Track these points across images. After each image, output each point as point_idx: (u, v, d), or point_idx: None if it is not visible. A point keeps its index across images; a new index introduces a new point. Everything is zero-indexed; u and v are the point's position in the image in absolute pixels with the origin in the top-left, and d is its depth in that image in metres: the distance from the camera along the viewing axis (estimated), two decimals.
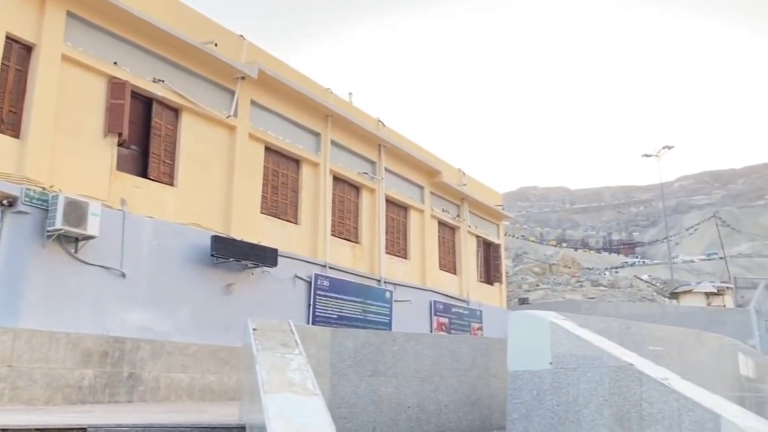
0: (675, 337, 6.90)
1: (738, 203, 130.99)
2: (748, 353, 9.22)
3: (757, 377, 9.37)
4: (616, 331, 5.86)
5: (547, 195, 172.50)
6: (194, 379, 11.38)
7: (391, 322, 17.31)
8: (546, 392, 4.96)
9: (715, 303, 36.40)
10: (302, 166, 16.12)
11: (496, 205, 25.73)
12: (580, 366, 4.77)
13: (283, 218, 15.36)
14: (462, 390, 7.00)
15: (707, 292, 38.14)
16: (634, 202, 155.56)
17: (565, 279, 53.60)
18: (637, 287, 51.07)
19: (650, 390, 4.22)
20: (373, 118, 19.03)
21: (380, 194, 18.62)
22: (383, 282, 17.90)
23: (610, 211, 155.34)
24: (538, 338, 5.15)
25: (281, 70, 15.49)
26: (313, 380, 4.10)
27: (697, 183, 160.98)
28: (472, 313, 22.16)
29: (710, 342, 7.90)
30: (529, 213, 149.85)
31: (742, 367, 8.49)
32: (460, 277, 22.65)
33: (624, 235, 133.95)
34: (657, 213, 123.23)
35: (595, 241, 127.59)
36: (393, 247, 19.32)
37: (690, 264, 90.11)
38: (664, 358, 6.48)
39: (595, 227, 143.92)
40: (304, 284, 15.13)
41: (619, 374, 4.46)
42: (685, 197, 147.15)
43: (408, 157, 19.92)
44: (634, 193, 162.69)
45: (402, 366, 6.64)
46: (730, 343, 8.37)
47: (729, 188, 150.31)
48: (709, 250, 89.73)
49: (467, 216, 23.54)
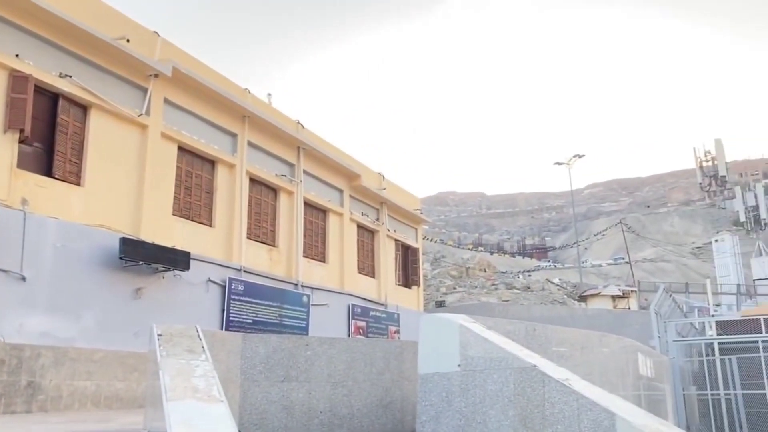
0: (579, 338, 7.16)
1: (643, 210, 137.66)
2: (647, 354, 9.69)
3: (655, 376, 9.86)
4: (522, 333, 6.02)
5: (465, 200, 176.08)
6: (100, 387, 10.93)
7: (308, 326, 17.20)
8: (455, 394, 5.03)
9: (621, 305, 38.15)
10: (218, 167, 15.80)
11: (414, 210, 26.03)
12: (487, 368, 4.87)
13: (197, 220, 15.00)
14: (375, 394, 7.02)
15: (613, 295, 39.92)
16: (547, 208, 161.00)
17: (481, 282, 54.79)
18: (548, 290, 52.79)
19: (552, 390, 4.35)
20: (293, 120, 18.88)
21: (299, 197, 18.49)
22: (300, 286, 17.77)
23: (524, 216, 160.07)
24: (447, 341, 5.23)
25: (197, 68, 15.13)
26: (218, 386, 4.01)
27: (605, 190, 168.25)
28: (390, 317, 22.32)
29: (612, 343, 8.24)
30: (447, 217, 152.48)
31: (642, 367, 8.91)
32: (378, 281, 22.77)
33: (537, 240, 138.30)
34: (568, 219, 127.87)
35: (510, 246, 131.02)
36: (311, 250, 19.22)
37: (598, 268, 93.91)
38: (568, 359, 6.72)
39: (510, 232, 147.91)
40: (217, 288, 14.81)
41: (523, 375, 4.58)
42: (595, 204, 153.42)
43: (327, 160, 19.88)
44: (547, 199, 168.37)
45: (315, 371, 6.59)
46: (630, 344, 8.77)
47: (635, 196, 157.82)
48: (616, 254, 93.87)
49: (386, 220, 23.71)
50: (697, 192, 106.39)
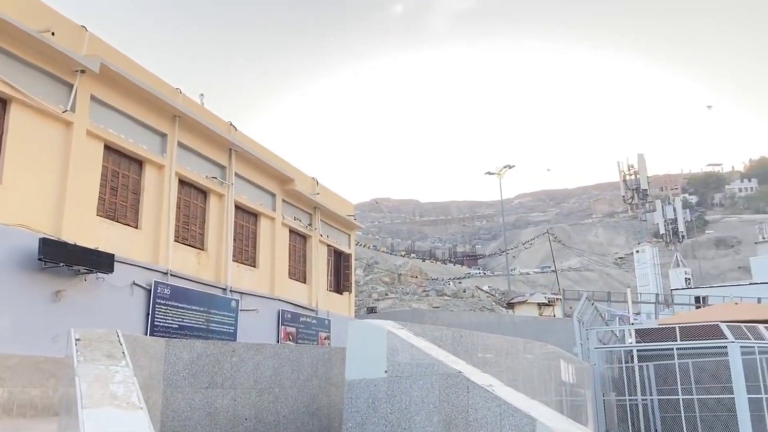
0: (504, 345, 7.30)
1: (569, 221, 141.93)
2: (569, 360, 9.97)
3: (577, 382, 10.16)
4: (449, 340, 6.10)
5: (399, 207, 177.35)
6: (13, 394, 10.43)
7: (236, 332, 16.91)
8: (381, 400, 5.05)
9: (546, 313, 39.19)
10: (146, 168, 15.37)
11: (348, 215, 26.03)
12: (413, 374, 4.91)
13: (122, 221, 14.54)
14: (302, 400, 6.97)
15: (539, 303, 40.98)
16: (478, 217, 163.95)
17: (412, 289, 55.24)
18: (478, 297, 53.73)
19: (476, 396, 4.42)
20: (225, 122, 18.58)
21: (229, 200, 18.19)
22: (229, 291, 17.47)
23: (456, 224, 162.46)
24: (375, 347, 5.24)
25: (128, 66, 14.70)
26: (138, 393, 3.89)
27: (534, 201, 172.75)
28: (321, 323, 22.20)
29: (536, 350, 8.45)
30: (381, 224, 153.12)
31: (564, 373, 9.16)
32: (309, 286, 22.62)
33: (468, 248, 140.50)
34: (498, 227, 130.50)
35: (441, 253, 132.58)
36: (241, 254, 18.93)
37: (526, 276, 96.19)
38: (493, 366, 6.85)
39: (442, 239, 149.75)
40: (143, 292, 14.39)
41: (448, 381, 4.64)
42: (524, 213, 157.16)
43: (260, 163, 19.65)
44: (478, 208, 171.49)
45: (241, 377, 6.50)
46: (554, 351, 9.01)
47: (562, 206, 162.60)
48: (543, 263, 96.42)
49: (319, 225, 23.61)
50: (620, 204, 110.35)
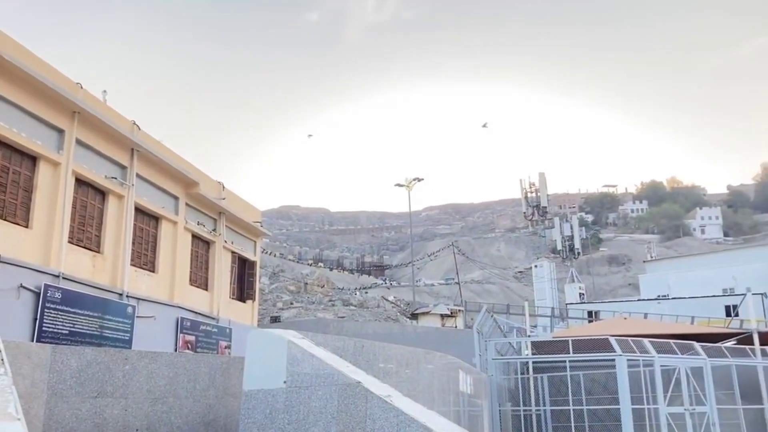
0: (405, 355, 7.38)
1: (474, 234, 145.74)
2: (468, 371, 10.19)
3: (475, 393, 10.40)
4: (351, 350, 6.10)
5: (308, 215, 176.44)
6: None
7: (132, 339, 16.23)
8: (279, 411, 4.97)
9: (448, 324, 39.99)
10: (40, 164, 14.54)
11: (255, 222, 25.61)
12: (312, 384, 4.87)
13: (11, 220, 13.68)
14: (197, 410, 6.77)
15: (442, 314, 41.77)
16: (387, 228, 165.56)
17: (318, 298, 54.98)
18: (383, 308, 54.13)
19: (374, 407, 4.43)
20: (128, 121, 17.89)
21: (129, 201, 17.49)
22: (126, 296, 16.76)
23: (365, 234, 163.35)
24: (275, 357, 5.17)
25: (23, 56, 13.89)
26: (17, 403, 3.65)
27: (441, 214, 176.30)
28: (222, 331, 21.68)
29: (437, 360, 8.58)
30: (289, 232, 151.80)
31: (462, 384, 9.35)
32: (211, 294, 22.06)
33: (376, 258, 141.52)
34: (406, 239, 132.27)
35: (349, 263, 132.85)
36: (140, 259, 18.23)
37: (431, 287, 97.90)
38: (393, 376, 6.90)
39: (351, 249, 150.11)
40: (31, 295, 13.57)
41: (347, 392, 4.63)
42: (431, 226, 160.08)
43: (164, 165, 19.03)
44: (387, 219, 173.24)
45: (133, 386, 6.24)
46: (453, 362, 9.18)
47: (467, 220, 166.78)
48: (447, 275, 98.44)
49: (224, 231, 23.10)
50: (521, 220, 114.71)
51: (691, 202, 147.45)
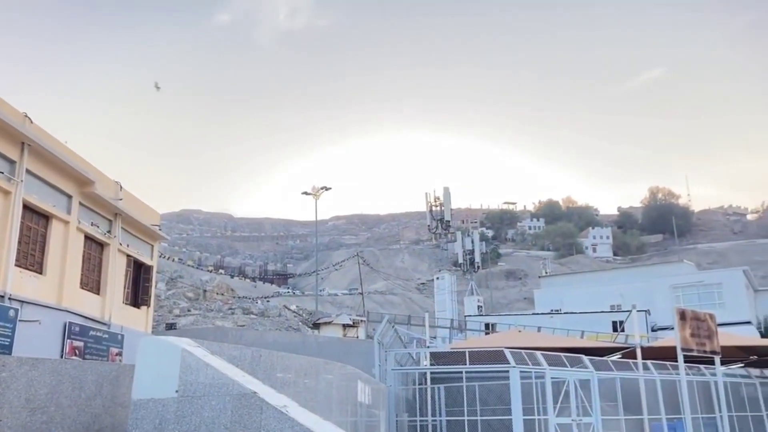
0: (304, 365, 7.31)
1: (379, 245, 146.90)
2: (366, 381, 10.22)
3: (372, 403, 10.43)
4: (248, 359, 5.97)
5: (211, 220, 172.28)
6: None
7: (12, 344, 15.21)
8: (169, 421, 4.79)
9: (350, 334, 40.01)
10: None
11: (153, 225, 24.69)
12: (206, 394, 4.73)
13: None
14: (82, 420, 6.42)
15: (344, 324, 41.75)
16: (292, 236, 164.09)
17: (218, 306, 53.64)
18: (285, 317, 53.49)
19: (269, 417, 4.35)
20: (19, 113, 16.85)
21: (17, 198, 16.43)
22: (8, 299, 15.71)
23: (269, 242, 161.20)
24: (167, 365, 4.98)
25: None
26: None
27: (348, 224, 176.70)
28: (113, 338, 20.71)
29: (336, 370, 8.55)
30: (189, 236, 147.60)
31: (360, 394, 9.36)
32: (103, 298, 21.05)
33: (279, 267, 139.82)
34: (311, 248, 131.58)
35: (252, 270, 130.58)
36: (26, 259, 17.15)
37: (334, 297, 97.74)
38: (291, 386, 6.81)
39: (254, 256, 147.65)
40: None
41: (242, 402, 4.52)
42: (337, 236, 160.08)
43: (57, 161, 18.02)
44: (293, 227, 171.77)
45: (10, 395, 5.84)
46: (352, 372, 9.18)
47: (373, 231, 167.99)
48: (351, 285, 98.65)
49: (120, 233, 22.13)
50: (426, 233, 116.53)
51: (585, 221, 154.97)
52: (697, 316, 16.38)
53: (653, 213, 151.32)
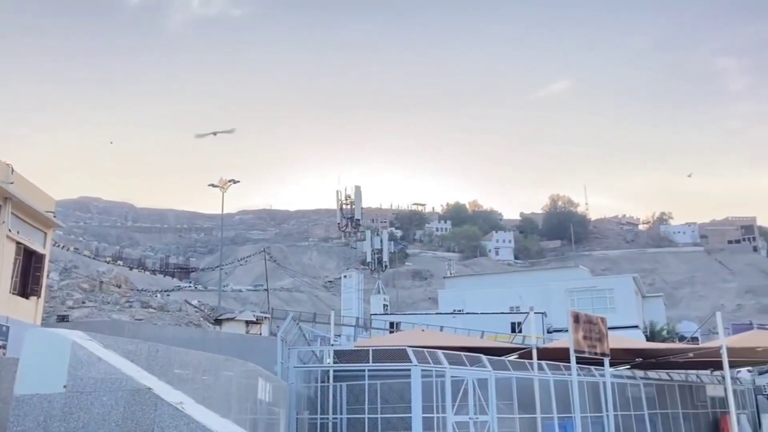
0: (203, 362, 7.12)
1: (287, 242, 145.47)
2: (267, 379, 10.08)
3: (273, 401, 10.31)
4: (144, 354, 5.75)
5: (110, 209, 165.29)
6: None
7: None
8: (55, 418, 4.54)
9: (254, 331, 39.41)
10: None
11: (47, 211, 23.40)
12: (97, 389, 4.51)
13: None
14: None
15: (248, 321, 41.06)
16: (196, 229, 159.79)
17: (114, 298, 51.49)
18: (186, 312, 51.99)
19: (164, 414, 4.21)
20: None
21: None
22: None
23: (172, 234, 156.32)
24: (55, 359, 4.72)
25: None
26: None
27: (255, 218, 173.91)
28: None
29: (237, 367, 8.39)
30: (88, 225, 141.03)
31: (261, 392, 9.23)
32: None
33: (182, 260, 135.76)
34: (216, 242, 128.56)
35: (152, 263, 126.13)
36: None
37: (238, 293, 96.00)
38: (189, 383, 6.62)
39: (155, 248, 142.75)
40: None
41: (135, 398, 4.35)
42: (244, 230, 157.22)
43: None
44: (198, 220, 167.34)
45: None
46: (253, 369, 9.04)
47: (282, 227, 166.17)
48: (257, 281, 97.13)
49: (9, 218, 20.83)
50: (335, 231, 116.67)
51: (489, 225, 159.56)
52: (590, 320, 17.21)
53: (553, 220, 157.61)
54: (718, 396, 25.96)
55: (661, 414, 22.60)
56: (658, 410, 22.46)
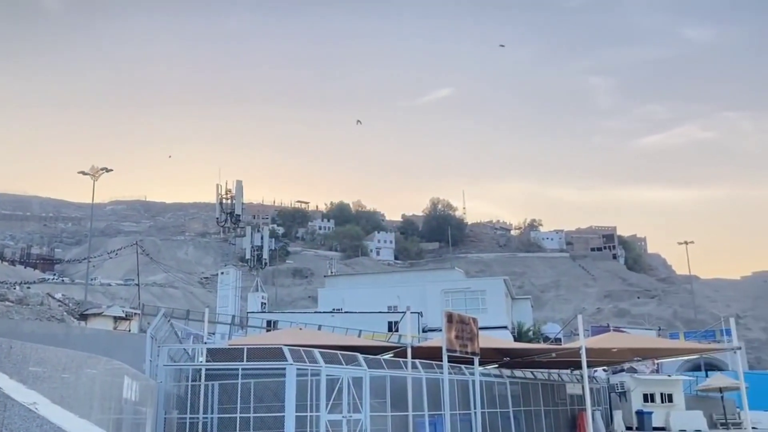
0: (63, 359, 6.71)
1: (162, 235, 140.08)
2: (134, 377, 9.66)
3: (140, 400, 9.89)
4: None
5: None
6: None
7: None
8: None
9: (122, 327, 37.59)
10: None
11: None
12: None
13: None
14: None
15: (116, 317, 39.12)
16: (63, 218, 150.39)
17: None
18: (48, 305, 48.76)
19: (14, 415, 3.93)
20: None
21: None
22: None
23: (36, 222, 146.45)
24: None
25: None
26: None
27: (129, 210, 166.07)
28: None
29: (101, 365, 7.97)
30: None
31: (127, 391, 8.82)
32: None
33: (46, 250, 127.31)
34: (85, 232, 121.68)
35: (12, 252, 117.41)
36: None
37: (107, 287, 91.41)
38: (47, 381, 6.22)
39: (16, 237, 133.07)
40: None
41: None
42: (116, 221, 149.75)
43: None
44: (65, 208, 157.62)
45: None
46: (119, 367, 8.62)
47: (157, 220, 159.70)
48: (128, 275, 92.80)
49: None
50: (214, 226, 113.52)
51: (372, 225, 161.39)
52: (463, 320, 17.84)
53: (433, 222, 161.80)
54: (577, 394, 27.69)
55: (525, 411, 23.80)
56: (522, 408, 23.64)
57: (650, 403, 32.30)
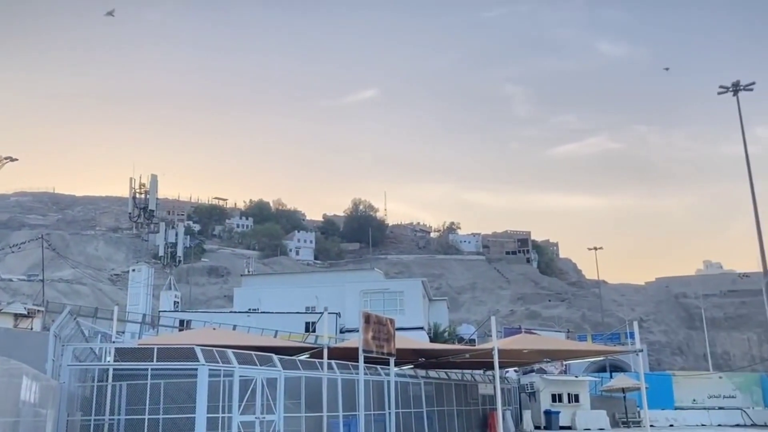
0: None
1: (71, 229, 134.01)
2: (35, 378, 9.19)
3: (40, 402, 9.42)
4: None
5: None
6: None
7: None
8: None
9: (24, 325, 35.71)
10: None
11: None
12: None
13: None
14: None
15: (17, 314, 37.16)
16: None
17: None
18: None
19: None
20: None
21: None
22: None
23: None
24: None
25: None
26: None
27: (35, 202, 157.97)
28: None
29: None
30: None
31: (25, 392, 8.39)
32: None
33: None
34: None
35: None
36: None
37: (9, 282, 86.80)
38: None
39: None
40: None
41: None
42: (20, 213, 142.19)
43: None
44: None
45: None
46: (16, 368, 8.19)
47: (66, 213, 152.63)
48: (32, 270, 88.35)
49: None
50: (126, 221, 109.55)
51: (292, 224, 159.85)
52: (380, 320, 17.94)
53: (354, 223, 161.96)
54: (489, 394, 28.41)
55: (438, 411, 24.21)
56: (436, 408, 24.03)
57: (558, 403, 33.55)
